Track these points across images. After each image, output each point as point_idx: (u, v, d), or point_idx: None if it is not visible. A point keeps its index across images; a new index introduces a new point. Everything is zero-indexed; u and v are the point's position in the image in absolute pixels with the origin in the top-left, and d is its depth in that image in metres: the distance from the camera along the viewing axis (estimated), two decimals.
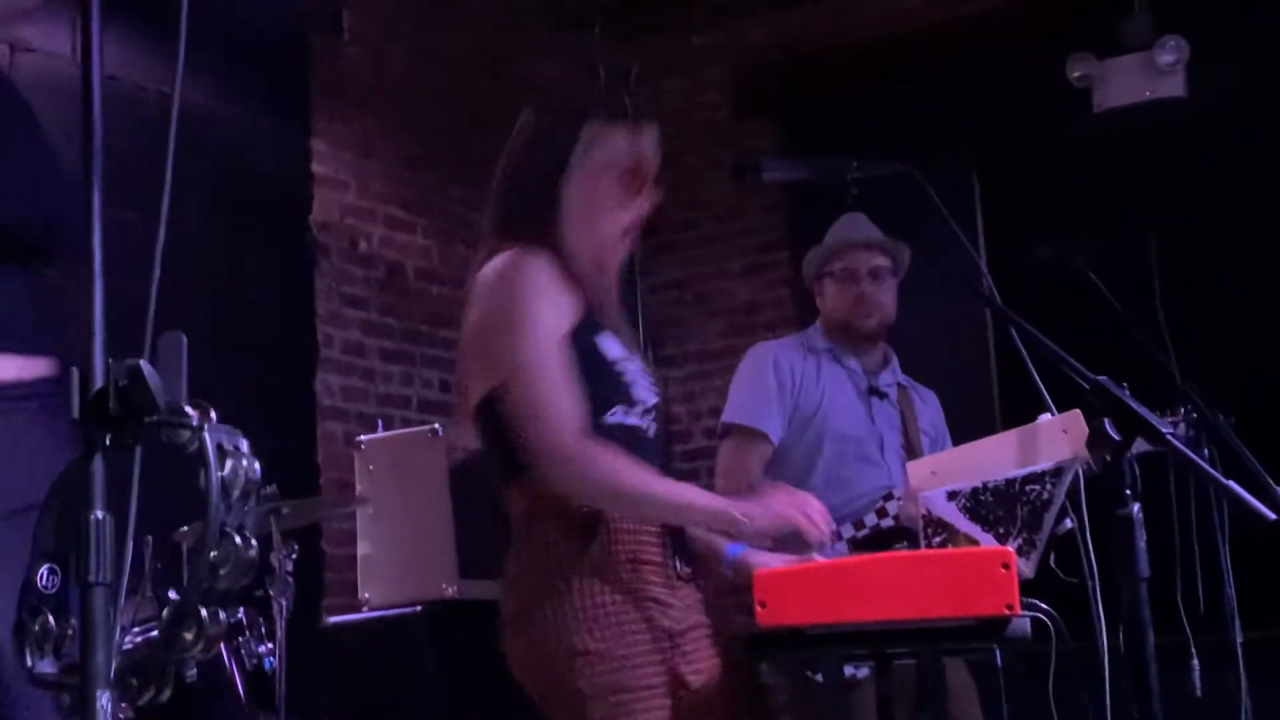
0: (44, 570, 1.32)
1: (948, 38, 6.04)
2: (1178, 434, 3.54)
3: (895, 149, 2.92)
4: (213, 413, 1.30)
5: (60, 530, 1.31)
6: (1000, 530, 2.38)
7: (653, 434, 2.48)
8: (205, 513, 1.28)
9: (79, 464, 1.28)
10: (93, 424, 1.28)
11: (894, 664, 2.57)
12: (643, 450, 2.41)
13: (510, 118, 2.54)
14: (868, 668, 3.27)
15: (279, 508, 3.92)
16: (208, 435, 1.28)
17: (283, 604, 3.81)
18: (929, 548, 2.54)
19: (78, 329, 1.31)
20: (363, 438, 4.71)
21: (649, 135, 2.50)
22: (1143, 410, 2.19)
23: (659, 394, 2.52)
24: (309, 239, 5.40)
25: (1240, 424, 3.53)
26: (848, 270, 3.69)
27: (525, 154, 2.49)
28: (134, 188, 2.19)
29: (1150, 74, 5.53)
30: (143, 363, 1.28)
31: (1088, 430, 2.26)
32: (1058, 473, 2.39)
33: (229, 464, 1.30)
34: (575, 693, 2.29)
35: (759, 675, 2.61)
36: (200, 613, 1.29)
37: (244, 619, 3.62)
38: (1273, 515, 2.22)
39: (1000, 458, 2.50)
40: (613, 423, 2.39)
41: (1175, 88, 5.51)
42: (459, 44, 6.10)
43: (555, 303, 2.36)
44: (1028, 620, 2.31)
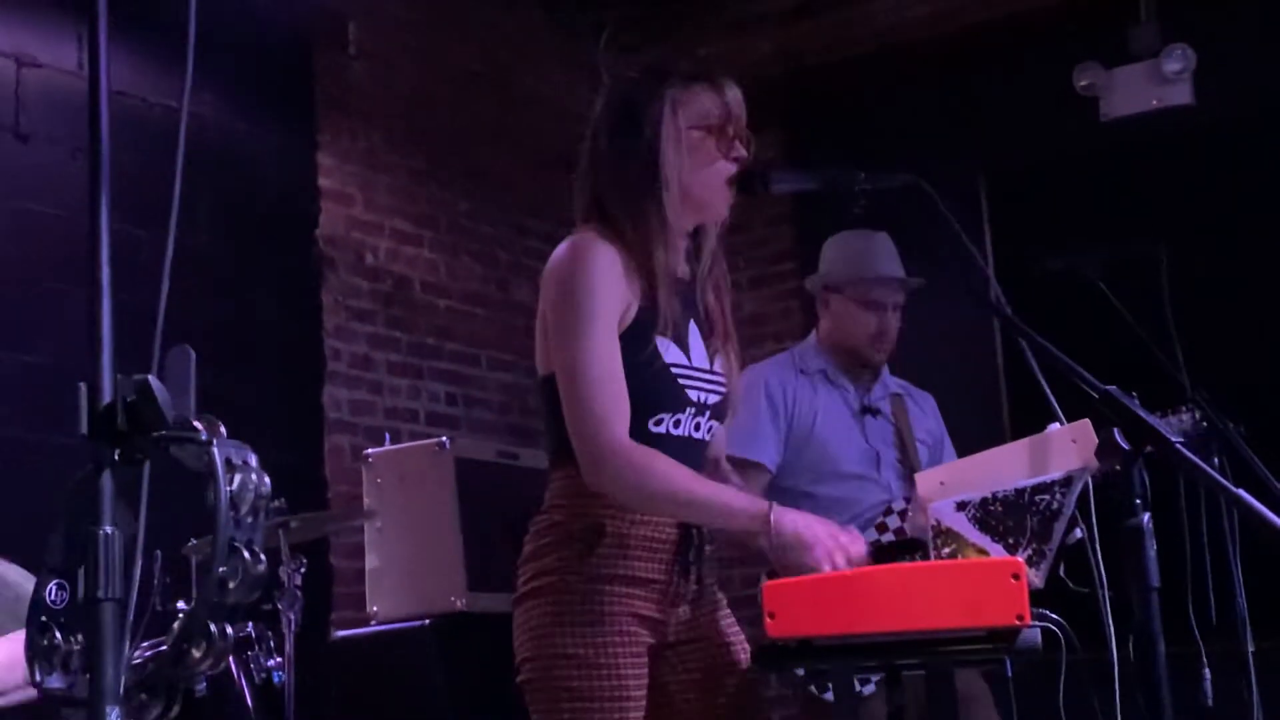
0: (52, 586, 1.32)
1: (954, 48, 6.03)
2: (1185, 427, 3.55)
3: (903, 159, 2.91)
4: (221, 427, 1.30)
5: (68, 546, 1.30)
6: (1010, 541, 2.37)
7: (703, 434, 2.48)
8: (215, 528, 1.27)
9: (87, 479, 1.28)
10: (101, 439, 1.28)
11: (903, 675, 2.57)
12: (689, 455, 2.42)
13: (516, 130, 2.54)
14: (873, 683, 3.27)
15: (287, 521, 3.93)
16: (216, 450, 1.28)
17: (291, 617, 3.81)
18: (938, 559, 2.53)
19: (86, 344, 1.31)
20: (370, 451, 4.71)
21: (730, 88, 2.50)
22: (1152, 419, 2.18)
23: (724, 385, 2.51)
24: (315, 253, 5.40)
25: (1250, 432, 3.52)
26: (875, 302, 3.68)
27: (612, 127, 2.48)
28: (141, 203, 2.20)
29: (1157, 82, 5.52)
30: (151, 378, 1.28)
31: (1097, 440, 2.25)
32: (1067, 482, 2.38)
33: (238, 479, 1.29)
34: (551, 689, 2.34)
35: (762, 689, 2.62)
36: (209, 628, 1.29)
37: (253, 633, 3.62)
38: None
39: (1009, 468, 2.49)
40: (658, 431, 2.40)
41: (1182, 96, 5.50)
42: (465, 57, 6.10)
43: (614, 295, 2.36)
44: (1038, 630, 2.30)
